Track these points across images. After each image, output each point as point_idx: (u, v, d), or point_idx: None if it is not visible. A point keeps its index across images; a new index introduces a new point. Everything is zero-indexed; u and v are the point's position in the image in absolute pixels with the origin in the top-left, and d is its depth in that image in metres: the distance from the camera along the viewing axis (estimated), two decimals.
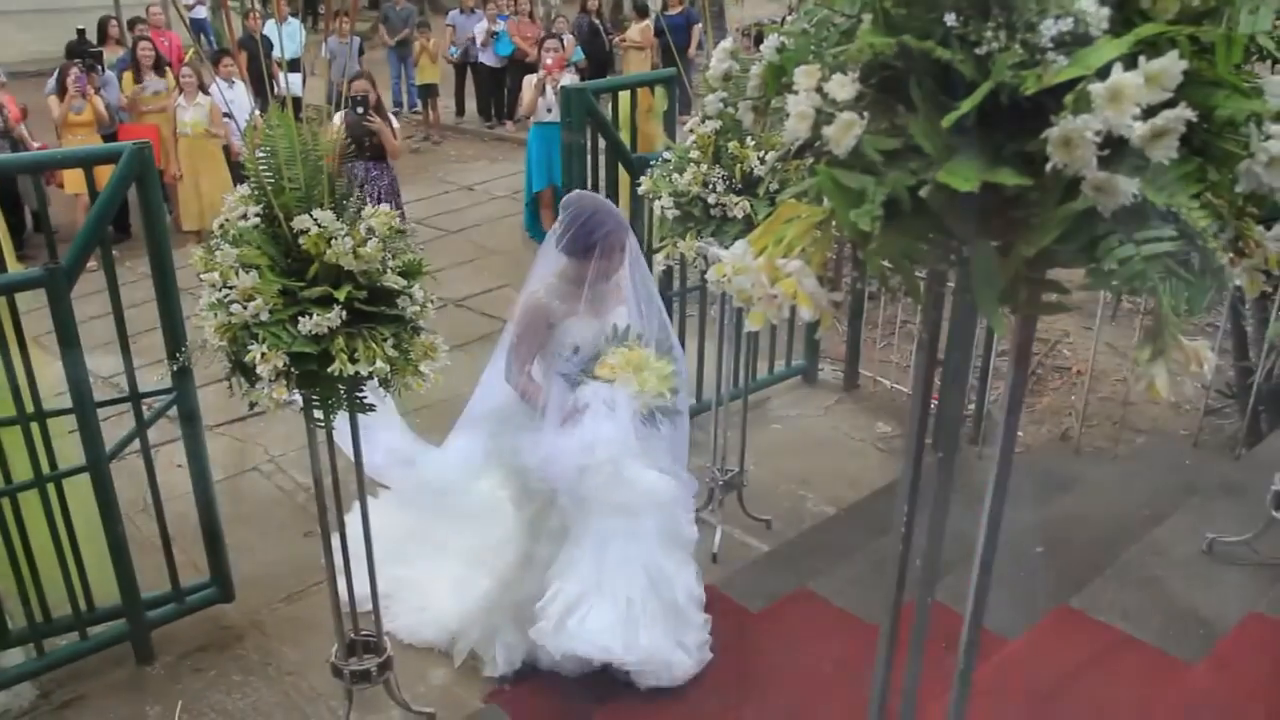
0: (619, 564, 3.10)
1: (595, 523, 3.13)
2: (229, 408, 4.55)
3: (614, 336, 3.19)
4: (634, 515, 3.13)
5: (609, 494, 3.09)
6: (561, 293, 3.20)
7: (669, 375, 3.14)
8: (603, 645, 3.02)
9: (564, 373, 3.17)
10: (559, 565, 3.17)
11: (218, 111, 8.41)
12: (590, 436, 3.08)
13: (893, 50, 0.94)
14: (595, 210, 3.16)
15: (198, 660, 3.57)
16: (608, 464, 3.06)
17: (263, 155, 2.40)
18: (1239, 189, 1.00)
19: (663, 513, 3.19)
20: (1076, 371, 5.70)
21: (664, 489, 3.17)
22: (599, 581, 3.09)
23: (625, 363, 3.10)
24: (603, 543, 3.13)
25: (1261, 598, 2.84)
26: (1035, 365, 5.78)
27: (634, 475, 3.10)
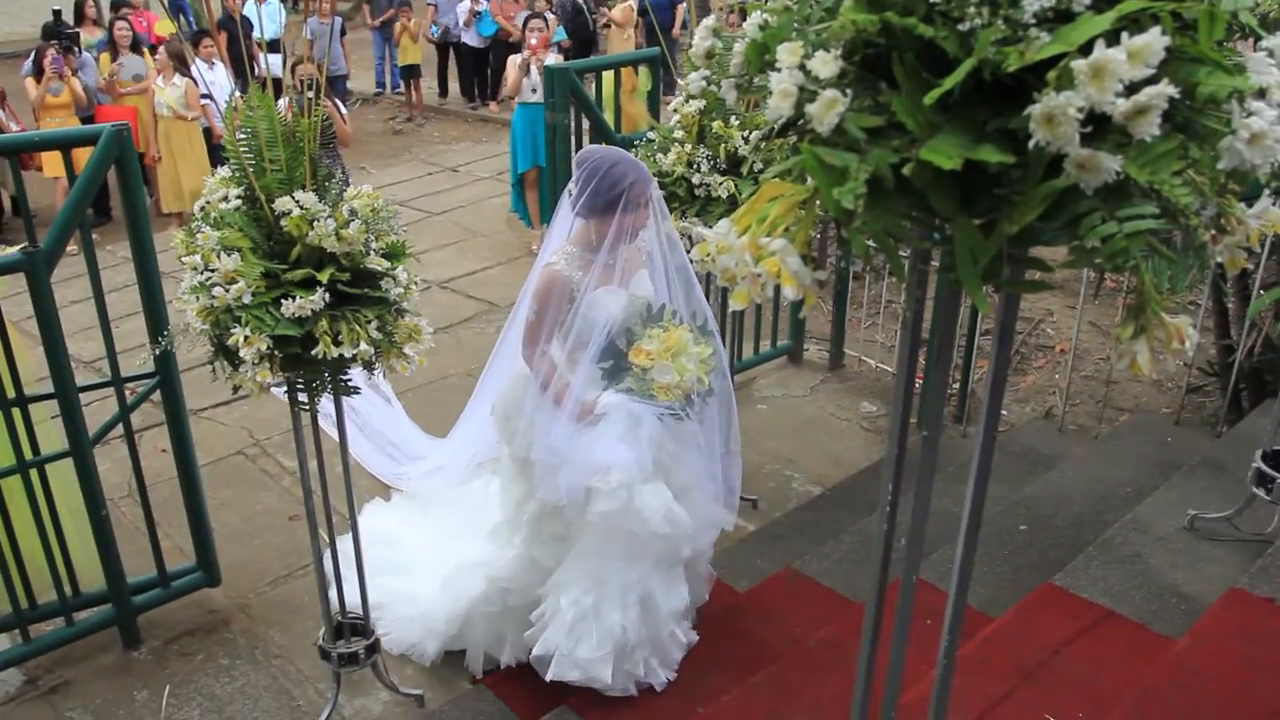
0: (617, 591, 2.96)
1: (597, 544, 2.98)
2: (213, 391, 4.52)
3: (648, 316, 2.97)
4: (639, 543, 2.95)
5: (615, 522, 2.90)
6: (582, 261, 2.94)
7: (708, 359, 2.93)
8: (593, 675, 2.95)
9: (603, 366, 2.97)
10: (555, 579, 3.06)
11: (194, 93, 8.33)
12: (606, 458, 2.88)
13: (875, 27, 0.94)
14: (616, 162, 2.87)
15: (185, 645, 3.57)
16: (620, 490, 2.87)
17: (244, 137, 2.38)
18: (1221, 166, 1.00)
19: (667, 543, 3.00)
20: (1060, 350, 5.73)
21: (676, 523, 2.95)
22: (595, 606, 2.96)
23: (663, 349, 2.88)
24: (603, 564, 2.98)
25: (1242, 573, 2.86)
26: (1019, 344, 5.81)
27: (644, 505, 2.89)
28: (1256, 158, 0.99)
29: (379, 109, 12.95)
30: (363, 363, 2.41)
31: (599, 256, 2.91)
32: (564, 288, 2.93)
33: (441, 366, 5.59)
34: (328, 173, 2.46)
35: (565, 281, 2.92)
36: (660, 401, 2.89)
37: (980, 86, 0.95)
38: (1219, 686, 2.42)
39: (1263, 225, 1.15)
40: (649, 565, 3.00)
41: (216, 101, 8.08)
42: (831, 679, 2.81)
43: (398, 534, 3.82)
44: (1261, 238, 1.19)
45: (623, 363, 2.94)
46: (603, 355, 2.94)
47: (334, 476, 2.89)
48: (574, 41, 11.34)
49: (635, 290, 2.99)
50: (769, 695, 2.80)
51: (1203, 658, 2.52)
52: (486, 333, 6.24)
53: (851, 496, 4.24)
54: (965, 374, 4.82)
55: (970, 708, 2.46)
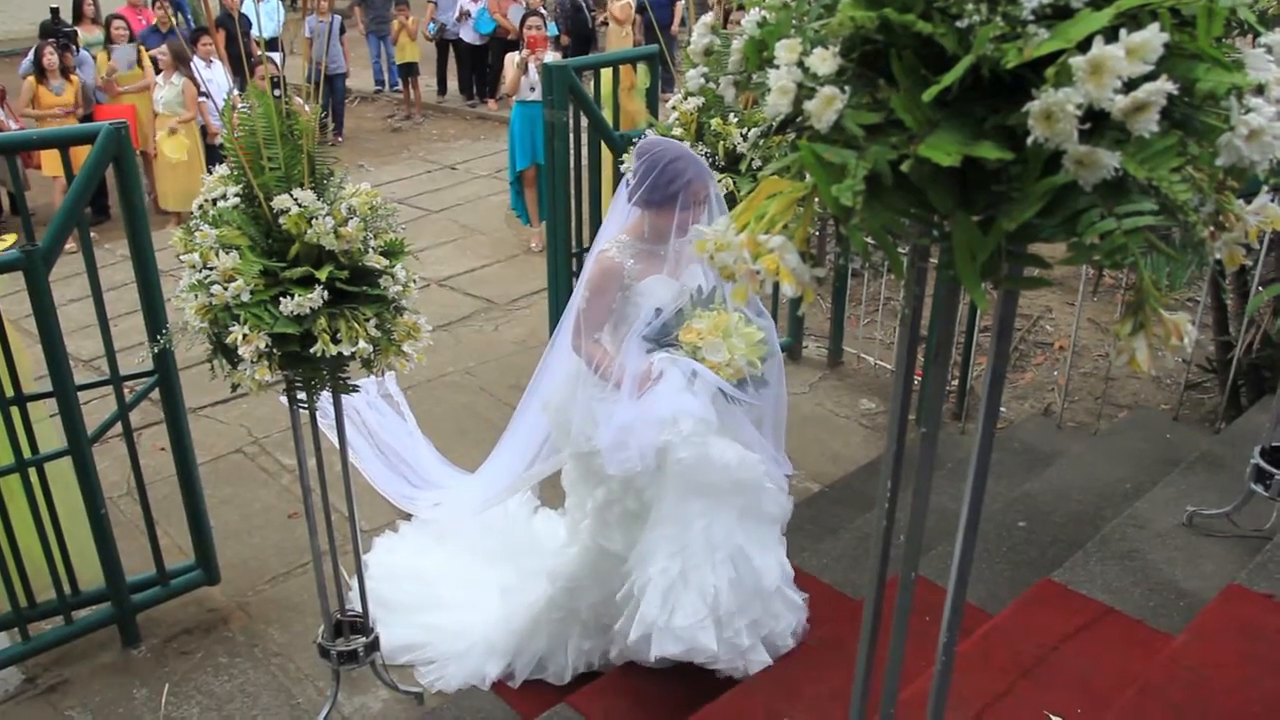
0: (704, 551, 2.84)
1: (675, 505, 2.85)
2: (212, 390, 4.53)
3: (698, 298, 2.91)
4: (718, 496, 2.85)
5: (693, 474, 2.80)
6: (636, 250, 2.91)
7: (759, 342, 2.86)
8: (695, 645, 2.78)
9: (647, 336, 2.91)
10: (637, 553, 2.92)
11: (191, 92, 8.33)
12: (672, 408, 2.78)
13: (874, 24, 0.94)
14: (676, 156, 2.83)
15: (184, 643, 3.57)
16: (694, 439, 2.77)
17: (241, 135, 2.38)
18: (1219, 162, 1.00)
19: (747, 493, 2.89)
20: (1059, 347, 5.73)
21: (753, 466, 2.87)
22: (684, 572, 2.82)
23: (713, 327, 2.82)
24: (684, 527, 2.85)
25: (1240, 569, 2.87)
26: (1018, 341, 5.81)
27: (720, 453, 2.81)
28: (1255, 154, 0.98)
29: (377, 107, 12.95)
30: (361, 360, 2.41)
31: (657, 248, 2.90)
32: (616, 275, 2.90)
33: (440, 364, 5.60)
34: (326, 170, 2.46)
35: (618, 269, 2.89)
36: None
37: (979, 83, 0.95)
38: (1217, 682, 2.42)
39: (1261, 222, 1.15)
40: (734, 519, 2.89)
41: (214, 100, 8.08)
42: (831, 676, 2.81)
43: (419, 567, 3.79)
44: (1260, 234, 1.19)
45: (673, 341, 2.88)
46: (652, 333, 2.90)
47: (333, 475, 2.89)
48: (572, 39, 11.34)
49: (688, 282, 2.95)
50: (768, 692, 2.80)
51: (1201, 654, 2.53)
52: (485, 330, 6.24)
53: (850, 493, 4.25)
54: (964, 371, 4.82)
55: (969, 704, 2.47)
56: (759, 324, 2.91)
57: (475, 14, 11.66)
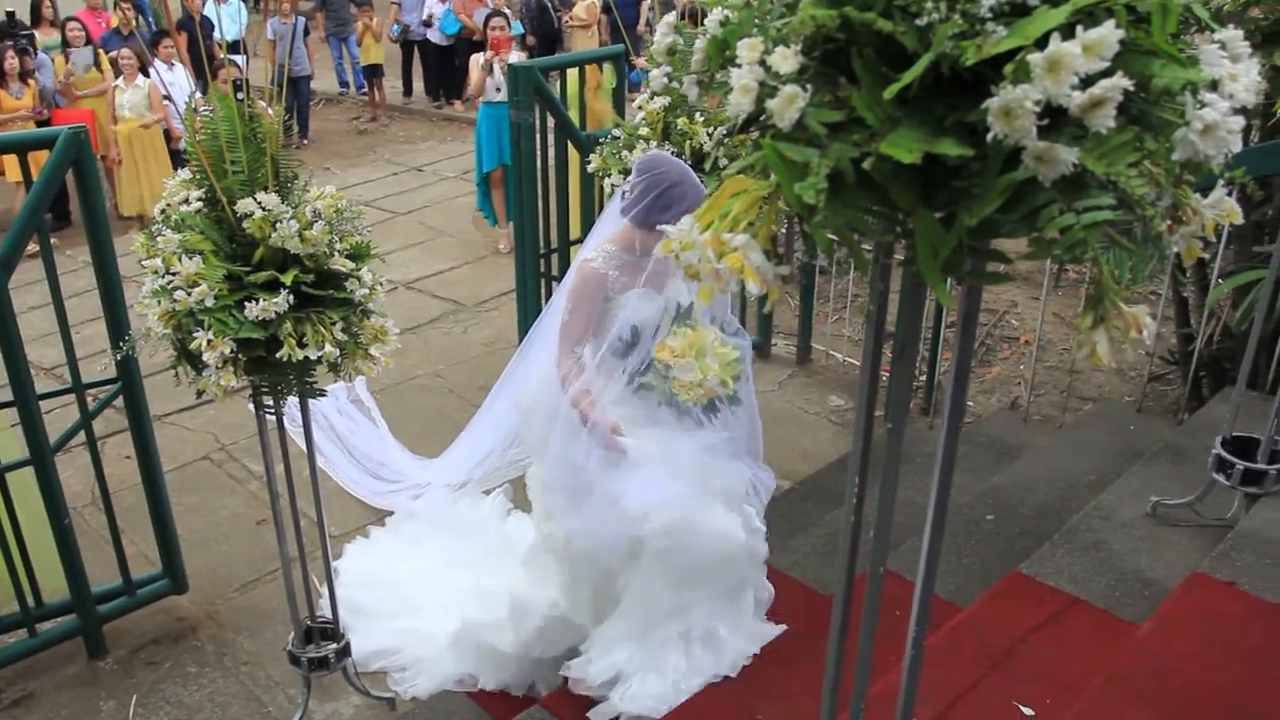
0: (671, 640, 2.86)
1: (646, 596, 2.85)
2: (177, 396, 4.47)
3: (676, 315, 2.89)
4: (694, 585, 2.84)
5: (670, 564, 2.78)
6: (622, 262, 2.88)
7: (733, 362, 2.85)
8: (649, 709, 2.80)
9: (619, 354, 2.88)
10: (601, 640, 2.93)
11: (157, 94, 8.24)
12: (643, 502, 2.76)
13: (835, 22, 0.94)
14: (677, 181, 2.79)
15: (151, 653, 3.53)
16: (664, 535, 2.75)
17: (204, 139, 2.35)
18: (1175, 157, 1.01)
19: (725, 574, 2.88)
20: (1025, 341, 5.79)
21: (734, 537, 2.85)
22: (650, 657, 2.85)
23: (687, 346, 2.80)
24: (654, 623, 2.86)
25: (1203, 558, 2.91)
26: (984, 336, 5.87)
27: (701, 536, 2.78)
28: (1210, 148, 1.00)
29: (343, 109, 12.87)
30: (328, 364, 2.40)
31: (640, 260, 2.87)
32: (599, 285, 2.87)
33: (408, 368, 5.57)
34: (290, 173, 2.44)
35: (601, 279, 2.87)
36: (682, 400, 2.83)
37: (939, 81, 0.95)
38: (1182, 669, 2.45)
39: (1217, 215, 1.17)
40: (708, 607, 2.90)
41: (176, 103, 7.99)
42: (803, 671, 2.82)
43: (391, 573, 3.76)
44: (1218, 227, 1.20)
45: (646, 358, 2.88)
46: (626, 350, 2.88)
47: (302, 480, 2.87)
48: (538, 39, 11.32)
49: (670, 296, 2.93)
50: (741, 690, 2.81)
51: (1166, 642, 2.56)
52: (454, 333, 6.22)
53: (820, 490, 4.27)
54: (931, 366, 4.86)
55: (940, 696, 2.49)
56: (734, 343, 2.91)
57: (440, 15, 11.61)
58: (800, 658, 2.90)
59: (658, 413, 2.89)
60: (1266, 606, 2.64)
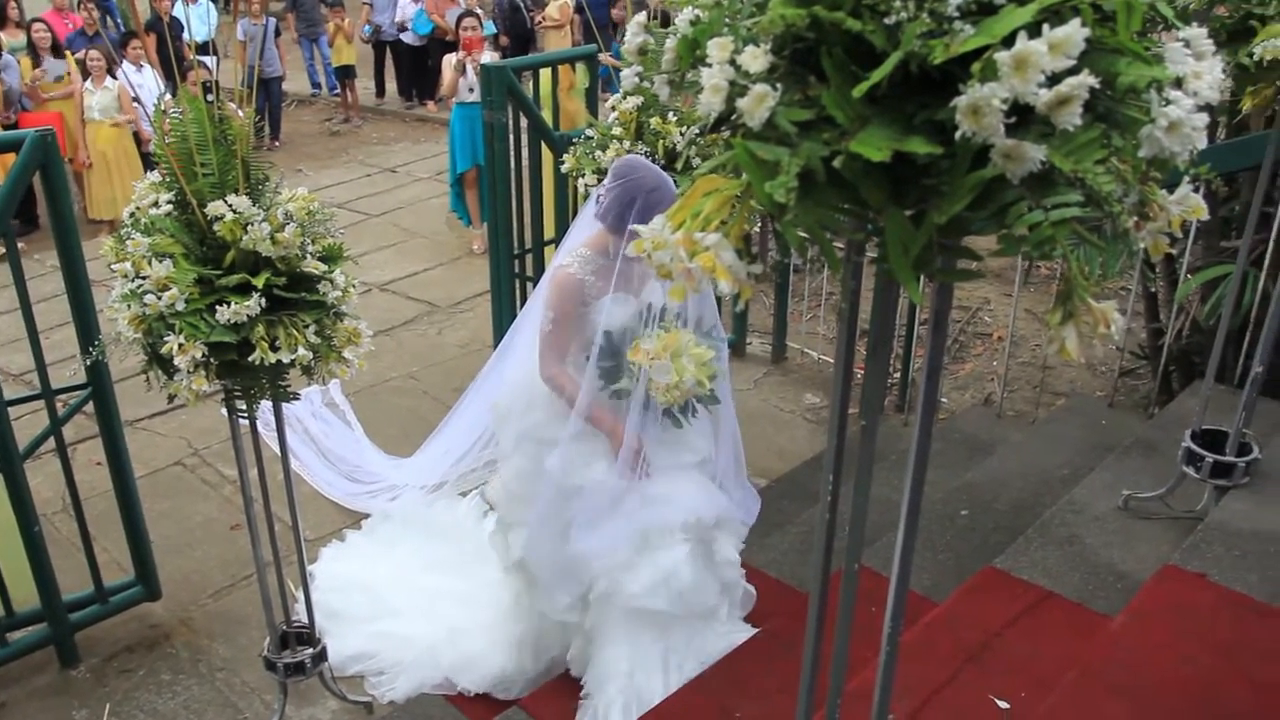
0: (656, 666, 2.89)
1: (626, 630, 2.88)
2: (148, 401, 4.43)
3: (650, 317, 2.88)
4: (669, 622, 2.90)
5: (652, 599, 2.83)
6: (598, 267, 2.86)
7: (708, 362, 2.84)
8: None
9: (598, 363, 2.88)
10: (595, 676, 2.93)
11: (127, 96, 8.16)
12: (584, 545, 2.83)
13: (804, 21, 0.95)
14: (653, 188, 2.75)
15: (125, 661, 3.49)
16: (602, 581, 2.84)
17: (173, 141, 2.33)
18: (1141, 154, 1.02)
19: (695, 602, 2.91)
20: (997, 337, 5.83)
21: (707, 591, 2.93)
22: (638, 686, 2.87)
23: (662, 348, 2.78)
24: (638, 647, 2.89)
25: (1174, 550, 2.94)
26: (957, 332, 5.91)
27: (637, 588, 2.83)
28: (1175, 145, 1.01)
29: (315, 110, 12.78)
30: (301, 367, 2.38)
31: (614, 264, 2.85)
32: (576, 291, 2.85)
33: (383, 370, 5.54)
34: (261, 175, 2.43)
35: (578, 285, 2.85)
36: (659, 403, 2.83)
37: (908, 79, 0.96)
38: (1155, 661, 2.48)
39: (1183, 211, 1.18)
40: (687, 627, 2.95)
41: (145, 105, 7.92)
42: (780, 668, 2.83)
43: (368, 576, 3.75)
44: (1185, 223, 1.22)
45: (621, 362, 2.87)
46: (601, 355, 2.87)
47: (276, 484, 2.85)
48: (511, 39, 11.29)
49: (645, 298, 2.93)
50: (718, 687, 2.82)
51: (1138, 634, 2.59)
52: (428, 335, 6.19)
53: (796, 488, 4.28)
54: (905, 364, 4.89)
55: (916, 692, 2.50)
56: (709, 342, 2.91)
57: (413, 15, 11.56)
58: (777, 655, 2.91)
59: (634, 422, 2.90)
60: (1236, 597, 2.67)
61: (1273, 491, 3.10)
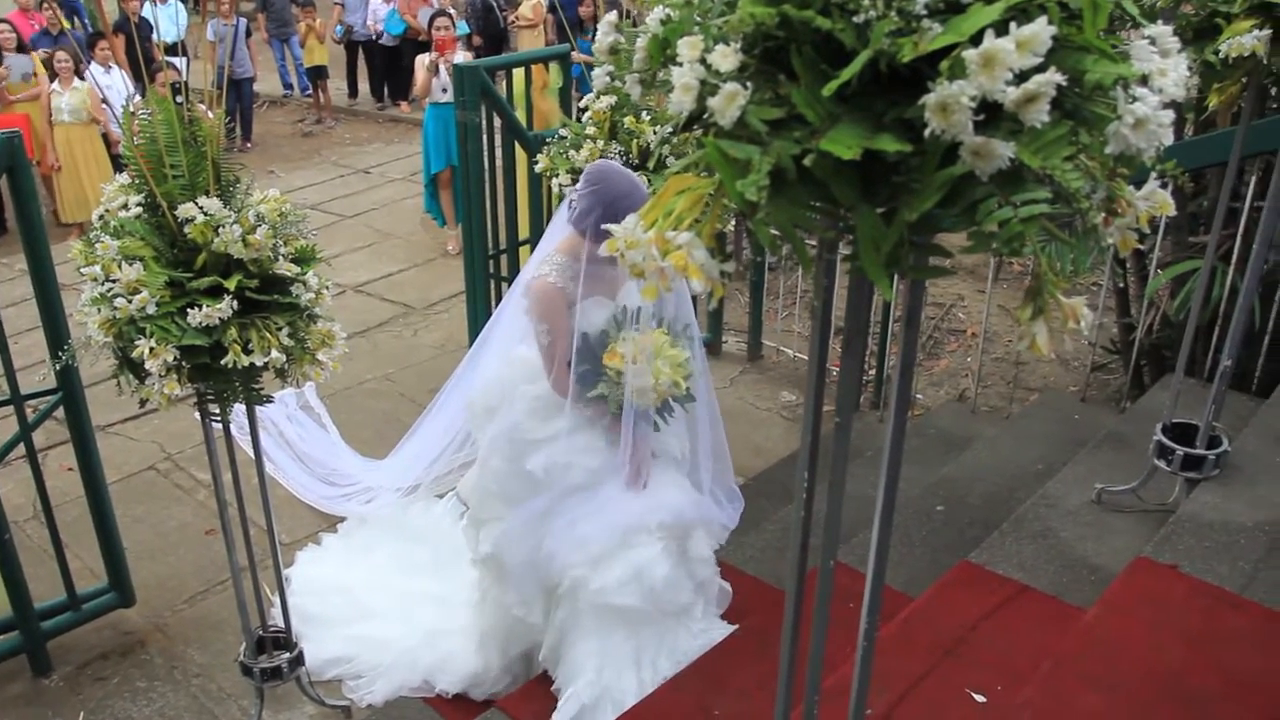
0: (628, 664, 2.90)
1: (597, 625, 2.89)
2: (120, 406, 4.39)
3: (625, 320, 2.89)
4: (641, 620, 2.91)
5: (586, 601, 2.86)
6: (575, 272, 2.86)
7: (684, 363, 2.86)
8: None
9: (578, 371, 2.88)
10: (565, 671, 2.93)
11: (95, 97, 8.07)
12: (554, 545, 2.85)
13: (774, 20, 0.95)
14: (625, 194, 2.75)
15: (99, 669, 3.46)
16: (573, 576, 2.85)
17: (142, 143, 2.31)
18: (1109, 151, 1.03)
19: (667, 600, 2.92)
20: (971, 334, 5.87)
21: (680, 588, 2.94)
22: (607, 684, 2.86)
23: (637, 350, 2.80)
24: (609, 640, 2.90)
25: (1146, 542, 2.97)
26: (932, 329, 5.94)
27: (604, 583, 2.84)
28: (1141, 142, 1.02)
29: (287, 111, 12.69)
30: (275, 370, 2.37)
31: (590, 268, 2.84)
32: (560, 299, 2.85)
33: (358, 372, 5.51)
34: (232, 177, 2.41)
35: (559, 293, 2.85)
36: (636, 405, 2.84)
37: (877, 77, 0.96)
38: (1128, 652, 2.51)
39: (1151, 207, 1.19)
40: (660, 625, 2.95)
41: (113, 107, 7.84)
42: (758, 665, 2.84)
43: (344, 580, 3.73)
44: (1154, 219, 1.23)
45: (597, 365, 2.87)
46: (579, 358, 2.88)
47: (250, 488, 2.83)
48: (484, 39, 11.25)
49: (622, 301, 2.93)
50: (697, 685, 2.82)
51: (1112, 625, 2.61)
52: (403, 336, 6.17)
53: (773, 485, 4.29)
54: (880, 360, 4.91)
55: (894, 686, 2.52)
56: (684, 343, 2.92)
57: (385, 16, 11.50)
58: (756, 653, 2.92)
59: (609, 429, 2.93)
60: (1206, 588, 2.71)
61: (1242, 483, 3.14)
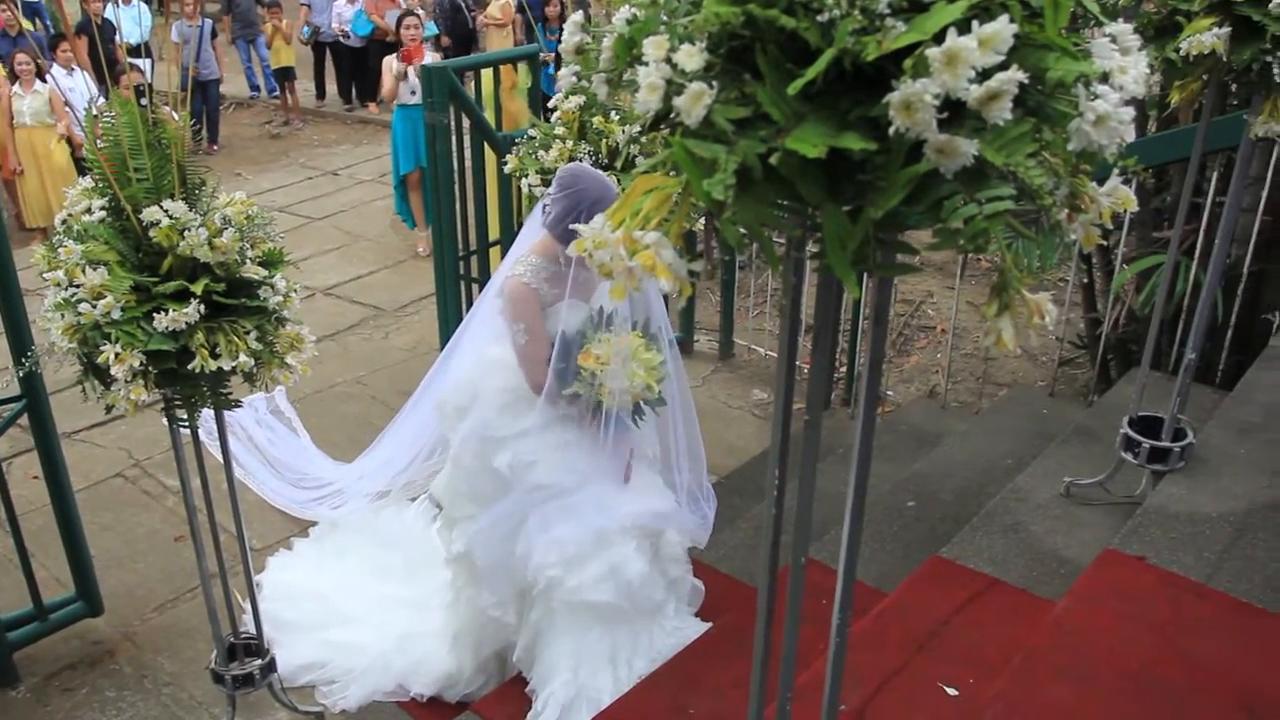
0: (603, 660, 2.92)
1: (571, 624, 2.90)
2: (86, 412, 4.33)
3: (599, 322, 2.91)
4: (615, 618, 2.92)
5: (596, 592, 2.86)
6: (550, 274, 2.87)
7: (656, 366, 2.89)
8: None
9: (555, 369, 2.88)
10: (540, 673, 2.94)
11: (58, 100, 7.97)
12: (529, 543, 2.85)
13: (739, 19, 0.95)
14: (598, 198, 2.77)
15: (66, 679, 3.41)
16: (546, 574, 2.84)
17: (106, 146, 2.28)
18: (1071, 147, 1.04)
19: (642, 597, 2.95)
20: (941, 330, 5.92)
21: (653, 586, 2.97)
22: (582, 685, 2.88)
23: (613, 353, 2.82)
24: (584, 641, 2.91)
25: (1114, 534, 3.00)
26: (902, 326, 5.98)
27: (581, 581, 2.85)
28: (1102, 138, 1.03)
29: (254, 113, 12.58)
30: (243, 374, 2.34)
31: (563, 271, 2.85)
32: (533, 298, 2.87)
33: (328, 375, 5.48)
34: (198, 180, 2.38)
35: (533, 293, 2.86)
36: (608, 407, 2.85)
37: (842, 76, 0.97)
38: (1097, 643, 2.53)
39: (1113, 203, 1.21)
40: (634, 624, 2.97)
41: (75, 109, 7.74)
42: (732, 664, 2.85)
43: (316, 585, 3.70)
44: (1119, 215, 1.24)
45: (571, 365, 2.88)
46: (557, 357, 2.88)
47: (220, 494, 2.80)
48: (453, 40, 11.20)
49: (597, 303, 2.94)
50: (671, 684, 2.83)
51: (1081, 617, 2.64)
52: (374, 339, 6.13)
53: (746, 483, 4.31)
54: (851, 358, 4.94)
55: (867, 681, 2.53)
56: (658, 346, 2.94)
57: (352, 16, 11.42)
58: (730, 651, 2.92)
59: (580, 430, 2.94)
60: (1173, 579, 2.74)
61: (1206, 475, 3.18)
